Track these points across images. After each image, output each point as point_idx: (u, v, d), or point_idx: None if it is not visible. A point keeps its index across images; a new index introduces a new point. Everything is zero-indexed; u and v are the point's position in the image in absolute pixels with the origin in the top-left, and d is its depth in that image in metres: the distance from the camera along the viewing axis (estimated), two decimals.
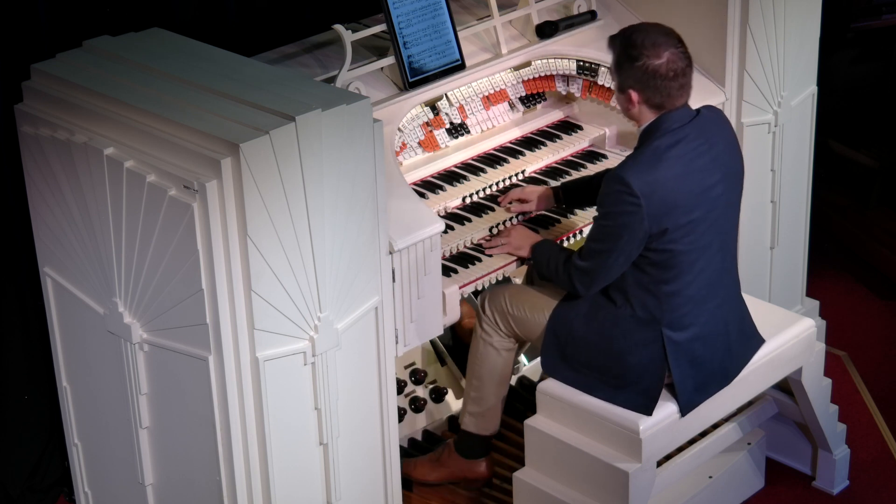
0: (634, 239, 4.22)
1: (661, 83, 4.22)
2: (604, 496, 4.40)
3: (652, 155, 4.23)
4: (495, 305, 4.68)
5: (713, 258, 4.35)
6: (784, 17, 5.14)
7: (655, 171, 4.20)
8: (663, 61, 4.21)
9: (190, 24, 4.86)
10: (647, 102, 4.26)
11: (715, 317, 4.40)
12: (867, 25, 6.47)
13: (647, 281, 4.31)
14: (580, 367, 4.44)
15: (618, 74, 4.30)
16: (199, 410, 4.06)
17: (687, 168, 4.24)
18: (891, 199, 6.65)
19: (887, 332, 6.00)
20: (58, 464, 4.97)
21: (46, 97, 4.17)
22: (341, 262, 4.03)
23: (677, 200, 4.21)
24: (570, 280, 4.38)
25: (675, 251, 4.26)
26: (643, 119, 4.30)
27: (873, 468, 5.18)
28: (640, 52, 4.22)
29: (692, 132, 4.28)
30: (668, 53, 4.22)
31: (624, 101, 4.32)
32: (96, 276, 4.16)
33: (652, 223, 4.20)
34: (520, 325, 4.64)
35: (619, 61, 4.28)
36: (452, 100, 4.88)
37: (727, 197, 4.35)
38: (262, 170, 3.78)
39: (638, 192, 4.16)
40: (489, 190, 4.87)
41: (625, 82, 4.27)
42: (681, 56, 4.25)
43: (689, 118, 4.29)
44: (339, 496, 4.27)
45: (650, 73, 4.21)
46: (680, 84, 4.25)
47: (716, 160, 4.31)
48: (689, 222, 4.24)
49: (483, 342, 4.71)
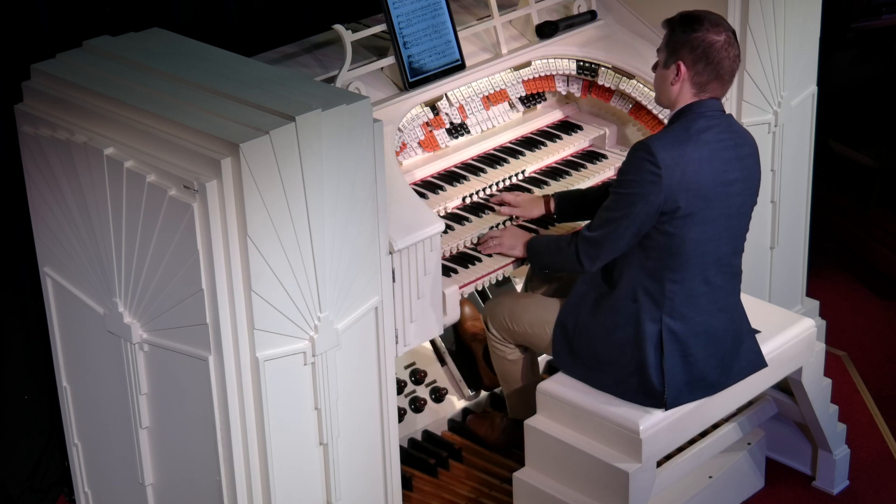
0: (648, 210, 4.21)
1: (715, 59, 4.21)
2: (604, 496, 4.40)
3: (683, 132, 4.24)
4: (497, 324, 4.74)
5: (722, 260, 4.35)
6: (784, 17, 5.14)
7: (682, 148, 4.21)
8: (722, 39, 4.22)
9: (190, 24, 4.86)
10: (693, 79, 4.25)
11: (714, 320, 4.40)
12: (867, 25, 6.47)
13: (652, 266, 4.31)
14: (588, 361, 4.45)
15: (669, 47, 4.26)
16: (199, 410, 4.06)
17: (713, 155, 4.25)
18: (891, 199, 6.66)
19: (887, 332, 6.01)
20: (58, 464, 4.97)
21: (46, 97, 4.17)
22: (341, 262, 4.03)
23: (697, 182, 4.21)
24: (576, 254, 4.36)
25: (684, 238, 4.26)
26: (680, 100, 4.29)
27: (873, 468, 5.18)
28: (702, 24, 4.22)
29: (723, 124, 4.30)
30: (726, 35, 4.23)
31: (666, 76, 4.28)
32: (96, 276, 4.16)
33: (668, 197, 4.19)
34: (523, 339, 4.70)
35: (674, 34, 4.25)
36: (452, 100, 4.88)
37: (742, 200, 4.35)
38: (262, 170, 3.78)
39: (661, 163, 4.17)
40: (489, 190, 4.87)
41: (677, 53, 4.24)
42: (736, 45, 4.26)
43: (722, 112, 4.30)
44: (339, 496, 4.27)
45: (707, 45, 4.20)
46: (730, 68, 4.25)
47: (741, 160, 4.31)
48: (703, 210, 4.24)
49: (496, 356, 4.83)
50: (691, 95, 4.27)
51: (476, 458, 5.09)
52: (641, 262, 4.33)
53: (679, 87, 4.27)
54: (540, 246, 4.53)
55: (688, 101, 4.28)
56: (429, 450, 5.08)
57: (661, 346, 4.34)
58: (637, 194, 4.21)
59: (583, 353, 4.46)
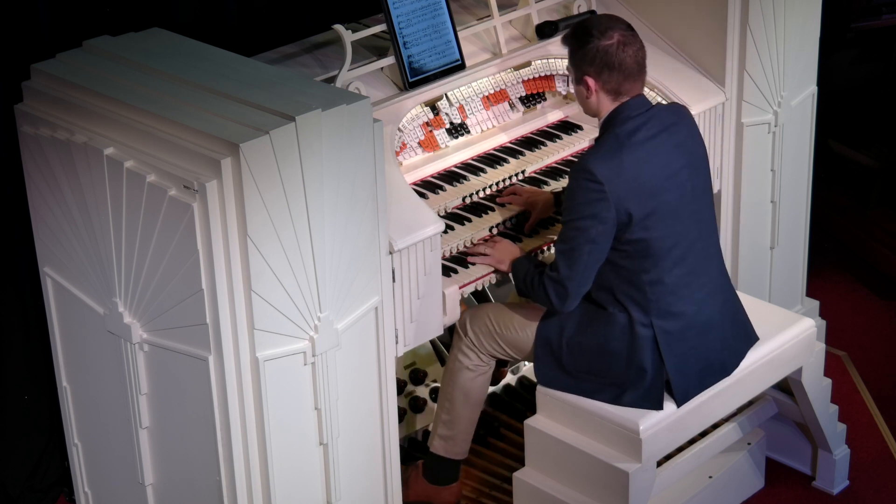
0: (604, 228, 4.21)
1: (616, 62, 4.24)
2: (604, 496, 4.40)
3: (614, 141, 4.26)
4: (479, 327, 4.62)
5: (693, 246, 4.35)
6: (784, 17, 5.14)
7: (618, 156, 4.22)
8: (614, 42, 4.25)
9: (190, 24, 4.86)
10: (603, 88, 4.28)
11: (705, 306, 4.40)
12: (867, 25, 6.47)
13: (628, 274, 4.31)
14: (579, 374, 4.42)
15: (573, 65, 4.33)
16: (199, 410, 4.06)
17: (650, 153, 4.26)
18: (891, 199, 6.65)
19: (887, 332, 6.00)
20: (58, 464, 4.97)
21: (46, 97, 4.17)
22: (341, 262, 4.03)
23: (642, 184, 4.22)
24: (546, 294, 4.34)
25: (649, 239, 4.26)
26: (602, 109, 4.32)
27: (873, 468, 5.18)
28: (590, 35, 4.26)
29: (652, 119, 4.31)
30: (617, 34, 4.26)
31: (582, 92, 4.34)
32: (96, 276, 4.16)
33: (619, 208, 4.19)
34: (510, 343, 4.59)
35: (572, 51, 4.32)
36: (452, 100, 4.88)
37: (693, 182, 4.35)
38: (262, 170, 3.78)
39: (601, 179, 4.17)
40: (489, 190, 4.87)
41: (579, 70, 4.30)
42: (631, 38, 4.28)
43: (647, 107, 4.31)
44: (339, 496, 4.27)
45: (602, 52, 4.24)
46: (635, 63, 4.27)
47: (679, 146, 4.32)
48: (658, 207, 4.24)
49: (459, 364, 4.65)
50: (611, 102, 4.31)
51: (476, 458, 5.09)
52: (616, 273, 4.32)
53: (596, 99, 4.32)
54: (519, 274, 4.46)
55: (609, 109, 4.31)
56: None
57: (659, 350, 4.33)
58: (588, 216, 4.21)
59: (574, 368, 4.43)
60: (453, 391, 4.67)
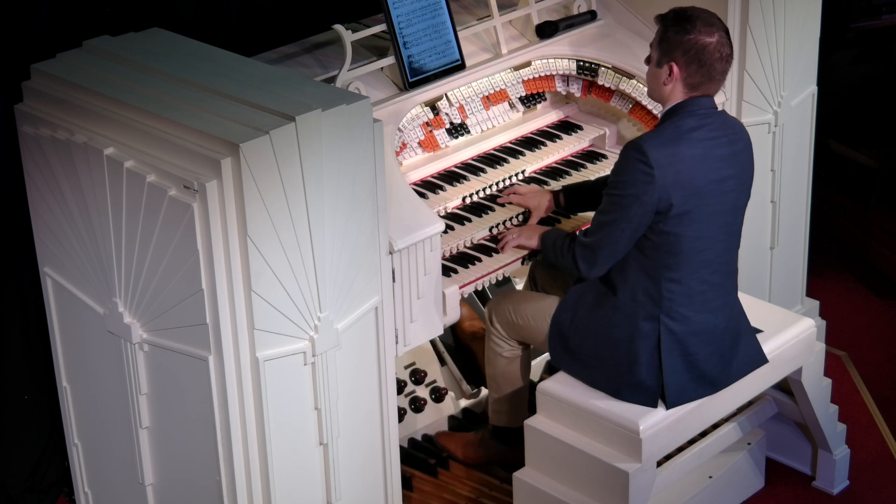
0: (643, 211, 4.21)
1: (708, 62, 4.21)
2: (604, 496, 4.40)
3: (675, 131, 4.24)
4: (500, 317, 4.73)
5: (719, 257, 4.36)
6: (784, 17, 5.14)
7: (675, 146, 4.21)
8: (714, 41, 4.21)
9: (190, 24, 4.86)
10: (685, 80, 4.25)
11: (714, 317, 4.40)
12: (867, 25, 6.47)
13: (650, 266, 4.31)
14: (583, 357, 4.45)
15: (662, 46, 4.25)
16: (199, 410, 4.06)
17: (706, 153, 4.25)
18: (891, 199, 6.65)
19: (887, 332, 6.00)
20: (58, 464, 4.97)
21: (46, 97, 4.17)
22: (341, 262, 4.03)
23: (691, 180, 4.21)
24: (574, 259, 4.38)
25: (681, 236, 4.26)
26: (672, 98, 4.29)
27: (873, 468, 5.18)
28: (694, 25, 4.21)
29: (716, 121, 4.29)
30: (718, 35, 4.22)
31: (659, 75, 4.28)
32: (96, 276, 4.16)
33: (662, 195, 4.19)
34: (524, 332, 4.69)
35: (666, 33, 4.24)
36: (452, 100, 4.88)
37: (736, 196, 4.35)
38: (262, 170, 3.78)
39: (653, 163, 4.16)
40: (489, 190, 4.87)
41: (670, 54, 4.23)
42: (728, 43, 4.25)
43: (713, 110, 4.30)
44: (339, 496, 4.27)
45: (699, 47, 4.20)
46: (723, 69, 4.25)
47: (735, 157, 4.32)
48: (699, 208, 4.24)
49: (493, 353, 4.80)
50: (683, 94, 4.28)
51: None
52: (639, 261, 4.33)
53: (671, 87, 4.28)
54: (549, 241, 4.53)
55: (679, 100, 4.29)
56: (429, 450, 5.08)
57: (659, 346, 4.34)
58: (631, 195, 4.21)
59: (578, 350, 4.47)
60: (495, 374, 4.83)
